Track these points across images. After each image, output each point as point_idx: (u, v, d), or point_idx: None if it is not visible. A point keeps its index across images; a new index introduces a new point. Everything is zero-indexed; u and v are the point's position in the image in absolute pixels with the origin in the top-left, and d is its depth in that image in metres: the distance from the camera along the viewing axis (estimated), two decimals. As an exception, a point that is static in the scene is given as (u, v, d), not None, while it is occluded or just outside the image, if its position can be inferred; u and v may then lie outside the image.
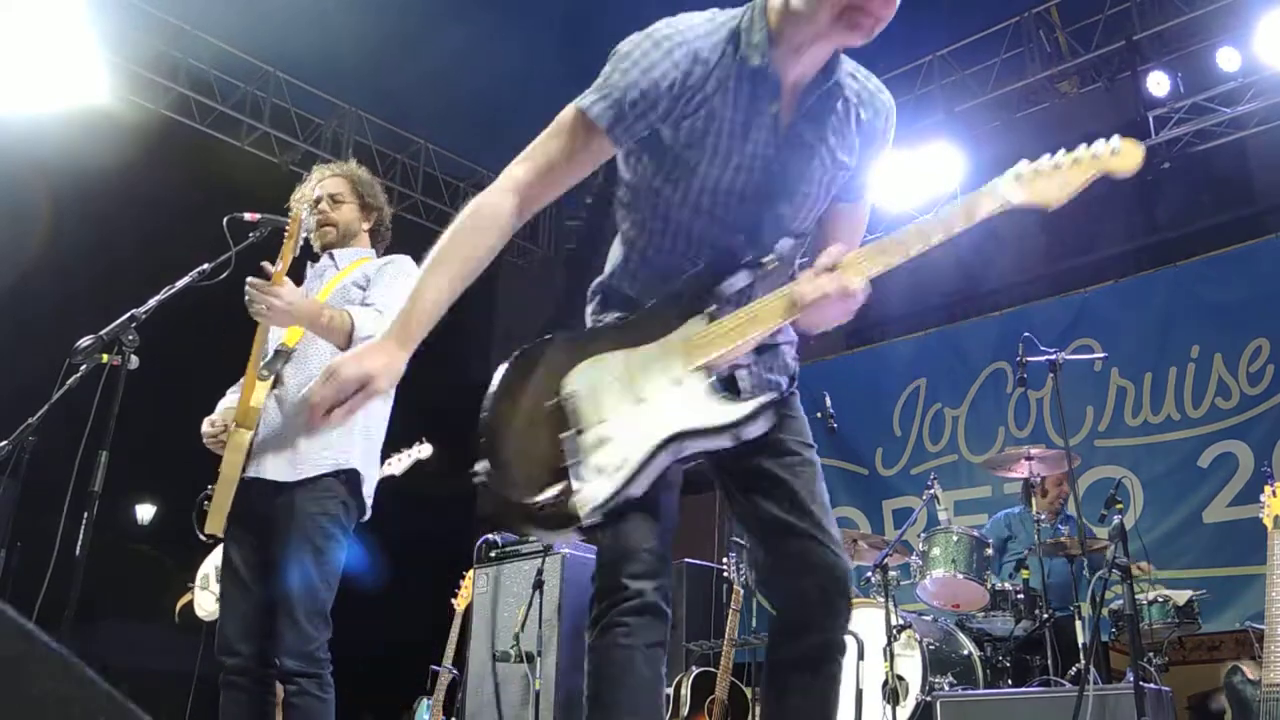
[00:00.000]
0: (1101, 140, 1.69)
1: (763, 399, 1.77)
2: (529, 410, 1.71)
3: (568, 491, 1.65)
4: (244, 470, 2.76)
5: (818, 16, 1.72)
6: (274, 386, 2.85)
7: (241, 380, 3.04)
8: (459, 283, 1.75)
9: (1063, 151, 1.70)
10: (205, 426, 2.89)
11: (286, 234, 2.83)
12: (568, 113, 1.81)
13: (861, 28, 1.71)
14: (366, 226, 3.16)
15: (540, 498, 1.65)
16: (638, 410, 1.73)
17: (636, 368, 1.76)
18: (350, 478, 2.81)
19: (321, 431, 2.77)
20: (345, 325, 2.73)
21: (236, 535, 2.78)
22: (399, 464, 4.42)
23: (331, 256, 3.07)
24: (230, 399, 2.99)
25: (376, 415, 2.96)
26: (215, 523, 2.74)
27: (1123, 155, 1.67)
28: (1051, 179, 1.69)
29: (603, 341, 1.79)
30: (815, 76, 1.84)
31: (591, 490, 1.66)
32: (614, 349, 1.78)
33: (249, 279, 2.68)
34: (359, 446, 2.85)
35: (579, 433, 1.69)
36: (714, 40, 1.81)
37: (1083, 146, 1.69)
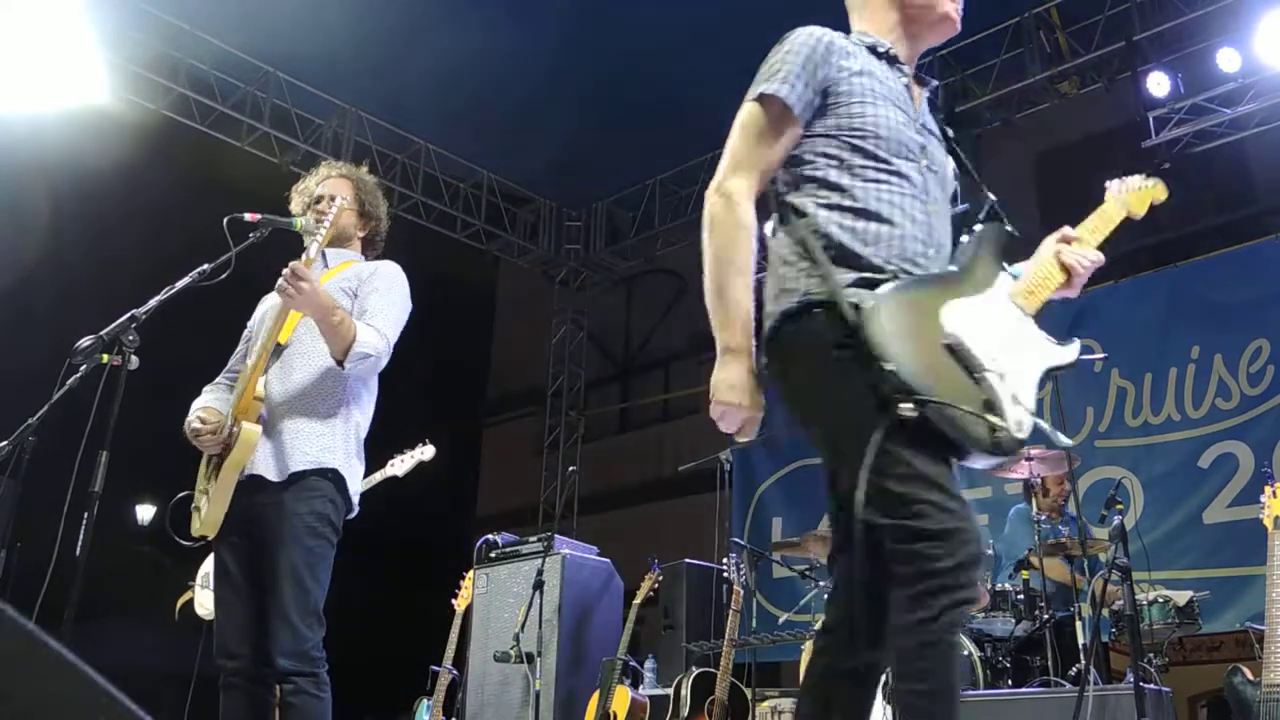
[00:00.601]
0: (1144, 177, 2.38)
1: (1079, 343, 2.05)
2: (929, 352, 1.82)
3: (1005, 421, 1.81)
4: None
5: (938, 6, 2.07)
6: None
7: (216, 381, 3.04)
8: (751, 283, 1.95)
9: (1134, 178, 2.36)
10: (195, 424, 2.81)
11: (330, 222, 2.85)
12: (750, 108, 1.97)
13: (955, 20, 2.10)
14: (361, 234, 3.13)
15: (1008, 433, 1.80)
16: (1014, 348, 1.93)
17: (991, 313, 1.95)
18: (334, 476, 2.79)
19: (304, 430, 2.77)
20: (349, 335, 2.73)
21: (226, 537, 2.77)
22: (401, 465, 4.41)
23: (323, 254, 3.05)
24: (206, 399, 2.95)
25: (361, 411, 2.93)
26: (210, 524, 2.73)
27: (1158, 189, 2.39)
28: (1136, 197, 2.34)
29: (945, 290, 1.92)
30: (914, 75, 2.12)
31: (1020, 417, 1.85)
32: (957, 297, 1.92)
33: (291, 263, 2.70)
34: (341, 446, 2.83)
35: (985, 370, 1.85)
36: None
37: (1137, 179, 2.39)
